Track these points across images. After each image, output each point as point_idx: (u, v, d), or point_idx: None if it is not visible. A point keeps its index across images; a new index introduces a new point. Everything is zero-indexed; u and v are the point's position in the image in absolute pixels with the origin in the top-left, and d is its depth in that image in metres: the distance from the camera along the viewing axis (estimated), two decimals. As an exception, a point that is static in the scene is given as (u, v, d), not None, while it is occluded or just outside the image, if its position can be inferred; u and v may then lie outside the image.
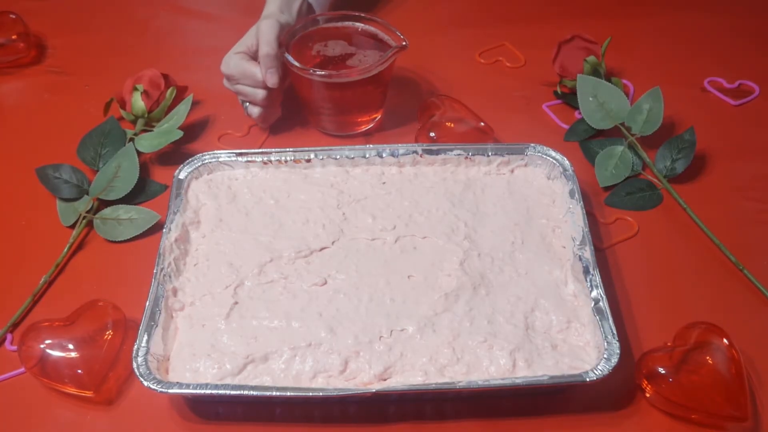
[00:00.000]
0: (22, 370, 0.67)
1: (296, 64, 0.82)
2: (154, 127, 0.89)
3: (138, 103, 0.89)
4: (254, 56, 0.85)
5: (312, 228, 0.75)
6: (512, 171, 0.81)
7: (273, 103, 0.88)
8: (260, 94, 0.85)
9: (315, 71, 0.82)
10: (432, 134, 0.84)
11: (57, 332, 0.65)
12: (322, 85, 0.83)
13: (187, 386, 0.60)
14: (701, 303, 0.72)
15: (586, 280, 0.68)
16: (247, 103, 0.88)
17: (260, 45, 0.83)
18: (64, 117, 0.94)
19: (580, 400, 0.65)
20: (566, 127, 0.91)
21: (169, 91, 0.91)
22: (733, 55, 1.02)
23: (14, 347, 0.68)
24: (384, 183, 0.80)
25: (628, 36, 1.04)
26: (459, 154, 0.80)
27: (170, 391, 0.60)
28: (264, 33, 0.83)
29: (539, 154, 0.80)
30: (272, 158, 0.80)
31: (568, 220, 0.74)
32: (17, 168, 0.85)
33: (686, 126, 0.86)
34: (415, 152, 0.80)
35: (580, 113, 0.88)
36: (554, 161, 0.79)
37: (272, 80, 0.83)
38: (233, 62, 0.85)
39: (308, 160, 0.80)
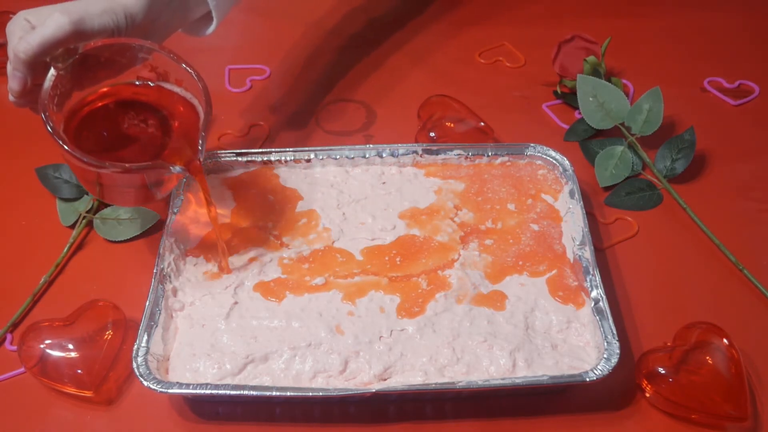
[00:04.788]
0: (22, 370, 0.67)
1: (44, 98, 0.59)
2: (154, 127, 0.89)
3: (138, 103, 0.89)
4: None
5: (312, 228, 0.75)
6: (512, 171, 0.81)
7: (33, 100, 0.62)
8: (10, 79, 0.61)
9: (55, 132, 0.58)
10: (432, 134, 0.84)
11: (57, 332, 0.65)
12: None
13: (187, 386, 0.60)
14: (701, 303, 0.72)
15: (586, 280, 0.68)
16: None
17: (23, 37, 0.59)
18: (64, 117, 0.93)
19: (580, 400, 0.65)
20: (566, 127, 0.91)
21: (169, 91, 0.91)
22: (733, 55, 1.02)
23: (14, 347, 0.68)
24: (384, 183, 0.80)
25: (628, 36, 1.03)
26: (459, 154, 0.80)
27: (170, 391, 0.60)
28: (42, 29, 0.58)
29: (539, 154, 0.80)
30: (272, 158, 0.80)
31: (568, 220, 0.74)
32: (17, 168, 0.85)
33: (686, 126, 0.86)
34: (415, 152, 0.80)
35: (580, 113, 0.88)
36: (554, 161, 0.79)
37: (11, 85, 0.60)
38: (11, 24, 0.61)
39: (308, 160, 0.80)
